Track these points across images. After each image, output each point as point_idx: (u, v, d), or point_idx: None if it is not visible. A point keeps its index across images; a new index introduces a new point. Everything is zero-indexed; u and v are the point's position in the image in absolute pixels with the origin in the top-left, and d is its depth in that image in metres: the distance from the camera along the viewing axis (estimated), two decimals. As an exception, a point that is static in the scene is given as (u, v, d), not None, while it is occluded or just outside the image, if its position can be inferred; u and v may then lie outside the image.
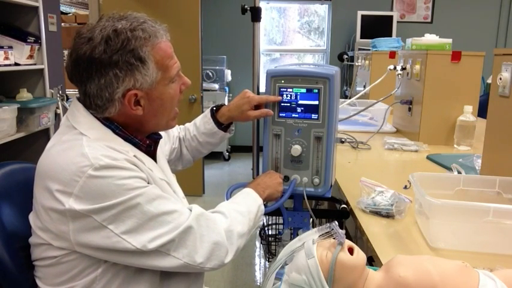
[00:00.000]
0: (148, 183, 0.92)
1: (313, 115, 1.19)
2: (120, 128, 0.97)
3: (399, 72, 2.26)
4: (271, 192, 1.18)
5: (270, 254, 1.50)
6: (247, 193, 1.13)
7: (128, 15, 0.95)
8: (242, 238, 1.01)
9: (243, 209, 1.06)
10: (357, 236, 1.68)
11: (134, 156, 0.95)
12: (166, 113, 1.03)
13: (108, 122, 0.97)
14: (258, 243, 3.10)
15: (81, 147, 0.88)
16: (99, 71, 0.90)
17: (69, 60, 0.94)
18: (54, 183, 0.86)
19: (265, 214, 1.16)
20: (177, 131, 1.37)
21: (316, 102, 1.18)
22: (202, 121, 1.33)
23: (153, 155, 1.06)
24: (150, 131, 1.07)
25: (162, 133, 1.17)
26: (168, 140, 1.33)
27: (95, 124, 0.95)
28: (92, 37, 0.90)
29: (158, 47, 0.95)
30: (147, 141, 1.03)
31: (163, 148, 1.26)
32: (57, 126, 2.81)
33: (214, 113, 1.31)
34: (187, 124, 1.39)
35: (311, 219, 1.35)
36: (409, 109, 2.18)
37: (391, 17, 5.01)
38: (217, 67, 5.16)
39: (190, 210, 0.95)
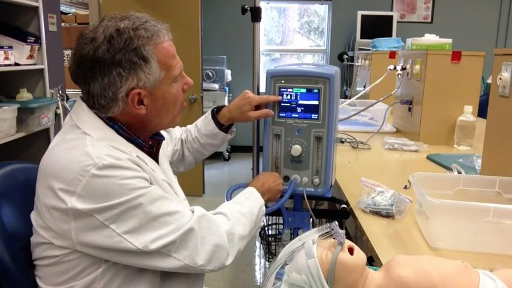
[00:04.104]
0: (150, 183, 0.93)
1: (313, 115, 1.19)
2: (123, 128, 0.98)
3: (399, 72, 2.26)
4: (272, 195, 1.19)
5: (270, 254, 1.51)
6: (251, 193, 1.13)
7: (130, 15, 0.96)
8: (243, 240, 1.02)
9: (245, 210, 1.06)
10: (357, 236, 1.68)
11: (137, 156, 0.95)
12: (169, 113, 1.03)
13: (112, 122, 0.97)
14: (258, 243, 3.10)
15: (84, 147, 0.88)
16: (103, 70, 0.91)
17: (72, 60, 0.95)
18: (57, 181, 0.86)
19: (266, 214, 1.17)
20: (179, 132, 1.38)
21: (316, 102, 1.18)
22: (203, 123, 1.33)
23: (155, 156, 1.07)
24: (153, 131, 1.07)
25: (164, 134, 1.17)
26: (171, 142, 1.33)
27: (99, 124, 0.96)
28: (95, 37, 0.91)
29: (161, 46, 0.95)
30: (150, 142, 1.03)
31: (166, 149, 1.26)
32: (57, 126, 2.82)
33: (215, 115, 1.31)
34: (188, 126, 1.39)
35: (311, 219, 1.35)
36: (409, 109, 2.18)
37: (391, 17, 5.02)
38: (217, 67, 5.15)
39: (193, 212, 0.96)
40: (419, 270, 0.71)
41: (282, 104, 1.21)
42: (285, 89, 1.21)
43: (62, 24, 3.28)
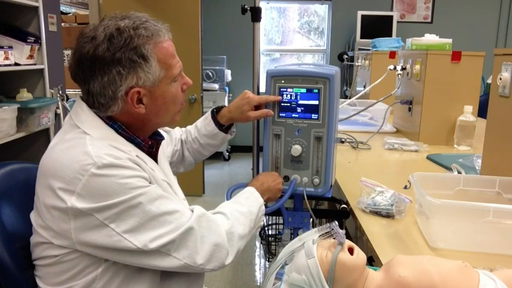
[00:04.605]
0: (150, 183, 0.93)
1: (313, 115, 1.19)
2: (123, 128, 0.98)
3: (399, 72, 2.26)
4: (272, 194, 1.19)
5: (270, 254, 1.51)
6: (250, 192, 1.13)
7: (130, 14, 0.96)
8: (243, 239, 1.02)
9: (244, 210, 1.06)
10: (357, 236, 1.68)
11: (136, 156, 0.95)
12: (169, 112, 1.03)
13: (112, 122, 0.97)
14: (258, 243, 3.10)
15: (84, 146, 0.88)
16: (102, 68, 0.91)
17: (72, 59, 0.95)
18: (57, 181, 0.86)
19: (266, 214, 1.17)
20: (179, 133, 1.38)
21: (316, 102, 1.18)
22: (203, 123, 1.33)
23: (154, 156, 1.07)
24: (153, 130, 1.07)
25: (164, 135, 1.17)
26: (170, 142, 1.33)
27: (98, 123, 0.96)
28: (95, 36, 0.91)
29: (161, 46, 0.96)
30: (149, 142, 1.03)
31: (166, 150, 1.26)
32: (57, 126, 2.82)
33: (215, 115, 1.31)
34: (188, 126, 1.39)
35: (311, 219, 1.35)
36: (409, 109, 2.18)
37: (391, 17, 5.02)
38: (217, 67, 5.15)
39: (192, 211, 0.96)
40: (419, 271, 0.71)
41: (282, 104, 1.21)
42: (285, 89, 1.21)
43: (62, 24, 3.28)
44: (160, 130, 1.16)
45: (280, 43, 5.81)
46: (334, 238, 0.75)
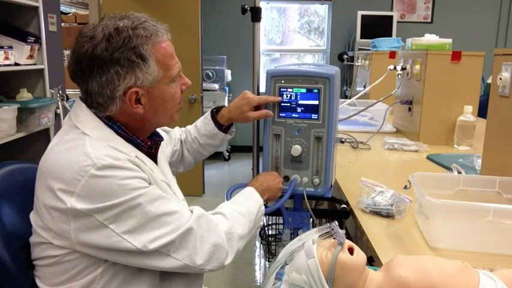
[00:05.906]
0: (149, 184, 0.93)
1: (313, 115, 1.19)
2: (122, 128, 0.98)
3: (399, 72, 2.26)
4: (273, 194, 1.19)
5: (270, 254, 1.50)
6: (249, 193, 1.13)
7: (129, 14, 0.96)
8: (242, 240, 1.02)
9: (244, 210, 1.06)
10: (357, 236, 1.68)
11: (136, 157, 0.95)
12: (167, 112, 1.03)
13: (111, 122, 0.97)
14: (258, 243, 3.10)
15: (83, 147, 0.88)
16: (101, 68, 0.91)
17: (71, 58, 0.95)
18: (57, 182, 0.86)
19: (265, 214, 1.16)
20: (178, 133, 1.38)
21: (316, 102, 1.18)
22: (203, 123, 1.33)
23: (154, 157, 1.07)
24: (151, 130, 1.07)
25: (163, 135, 1.17)
26: (170, 142, 1.33)
27: (98, 124, 0.96)
28: (94, 35, 0.91)
29: (159, 46, 0.96)
30: (149, 143, 1.03)
31: (165, 150, 1.26)
32: (57, 126, 2.82)
33: (214, 115, 1.31)
34: (188, 126, 1.39)
35: (311, 219, 1.35)
36: (409, 109, 2.18)
37: (391, 17, 5.02)
38: (217, 67, 5.15)
39: (191, 212, 0.96)
40: (420, 270, 0.71)
41: (282, 104, 1.21)
42: (285, 89, 1.21)
43: (62, 24, 3.28)
44: (159, 130, 1.16)
45: (280, 43, 5.81)
46: (334, 238, 0.75)
